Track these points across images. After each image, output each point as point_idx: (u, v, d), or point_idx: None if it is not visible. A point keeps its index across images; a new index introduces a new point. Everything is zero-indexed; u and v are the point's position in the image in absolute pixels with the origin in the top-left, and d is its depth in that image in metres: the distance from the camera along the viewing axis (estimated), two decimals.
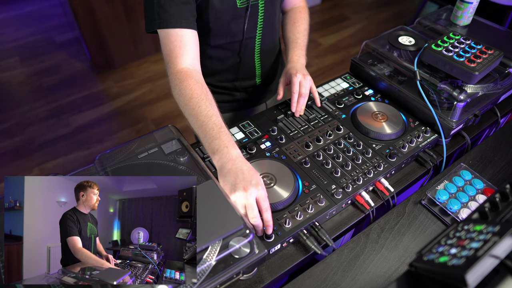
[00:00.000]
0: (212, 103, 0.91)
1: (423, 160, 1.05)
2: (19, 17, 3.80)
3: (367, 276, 0.80)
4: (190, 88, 0.91)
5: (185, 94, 0.91)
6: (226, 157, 0.82)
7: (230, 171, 0.80)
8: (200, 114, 0.88)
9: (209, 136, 0.85)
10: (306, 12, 1.29)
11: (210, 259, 0.70)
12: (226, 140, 0.84)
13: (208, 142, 0.85)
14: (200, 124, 0.87)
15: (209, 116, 0.87)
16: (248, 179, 0.79)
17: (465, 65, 1.04)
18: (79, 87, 2.96)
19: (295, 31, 1.22)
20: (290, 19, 1.26)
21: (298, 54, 1.17)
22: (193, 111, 0.89)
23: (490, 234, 0.51)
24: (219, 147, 0.83)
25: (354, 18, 3.74)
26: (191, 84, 0.92)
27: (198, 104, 0.89)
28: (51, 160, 2.41)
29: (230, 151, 0.83)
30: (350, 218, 0.93)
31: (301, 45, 1.19)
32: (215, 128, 0.86)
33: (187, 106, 0.90)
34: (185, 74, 0.93)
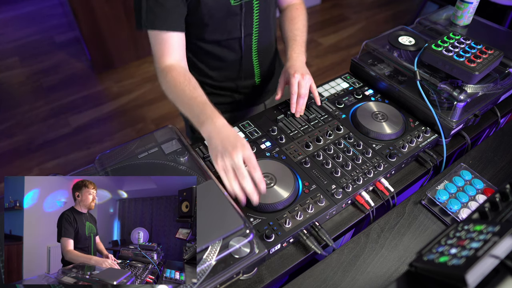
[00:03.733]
0: (196, 87, 0.98)
1: (423, 160, 1.05)
2: (19, 17, 3.80)
3: (367, 276, 0.80)
4: (174, 79, 0.99)
5: (170, 84, 0.99)
6: (211, 127, 0.88)
7: (216, 139, 0.86)
8: (185, 97, 0.95)
9: (195, 113, 0.92)
10: (303, 9, 1.28)
11: (210, 259, 0.70)
12: (210, 112, 0.90)
13: (195, 118, 0.92)
14: (186, 105, 0.95)
15: (193, 97, 0.95)
16: (233, 143, 0.84)
17: (465, 65, 1.04)
18: (79, 87, 2.96)
19: (293, 28, 1.21)
20: (287, 17, 1.25)
21: (297, 51, 1.15)
22: (179, 97, 0.97)
23: (490, 234, 0.51)
24: (205, 119, 0.89)
25: (354, 18, 3.74)
26: (174, 75, 0.99)
27: (182, 90, 0.97)
28: (51, 160, 2.41)
29: (215, 121, 0.88)
30: (350, 218, 0.93)
31: (300, 42, 1.18)
32: (200, 105, 0.93)
33: (174, 93, 0.98)
34: (170, 68, 1.01)
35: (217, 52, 1.17)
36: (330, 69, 3.11)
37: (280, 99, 1.15)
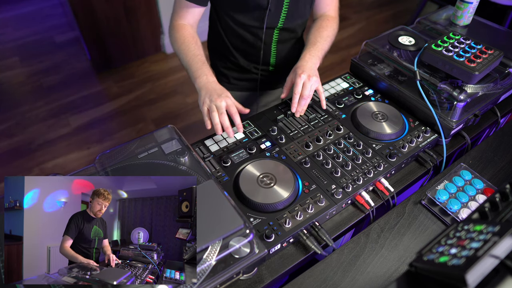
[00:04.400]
0: (199, 48, 1.15)
1: (423, 160, 1.05)
2: (19, 17, 3.80)
3: (367, 276, 0.80)
4: (183, 36, 1.16)
5: (178, 40, 1.15)
6: (204, 81, 1.06)
7: (206, 89, 1.03)
8: (189, 53, 1.12)
9: (194, 68, 1.09)
10: (335, 22, 1.28)
11: (210, 259, 0.70)
12: (206, 70, 1.08)
13: (193, 72, 1.09)
14: (188, 60, 1.12)
15: (195, 55, 1.12)
16: (219, 93, 1.02)
17: (465, 65, 1.04)
18: (79, 87, 2.96)
19: (317, 35, 1.22)
20: (316, 25, 1.26)
21: (313, 54, 1.15)
22: (184, 51, 1.13)
23: (490, 234, 0.51)
24: (200, 74, 1.07)
25: (354, 18, 3.74)
26: (184, 33, 1.16)
27: (188, 47, 1.13)
28: (51, 160, 2.41)
29: (208, 78, 1.06)
30: (350, 218, 0.93)
31: (318, 47, 1.18)
32: (199, 62, 1.10)
33: (180, 48, 1.15)
34: (181, 27, 1.18)
35: (241, 33, 1.25)
36: (330, 69, 3.11)
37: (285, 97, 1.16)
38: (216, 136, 1.07)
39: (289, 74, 1.14)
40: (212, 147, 1.04)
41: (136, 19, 2.94)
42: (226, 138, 1.06)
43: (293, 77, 1.10)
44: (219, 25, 1.28)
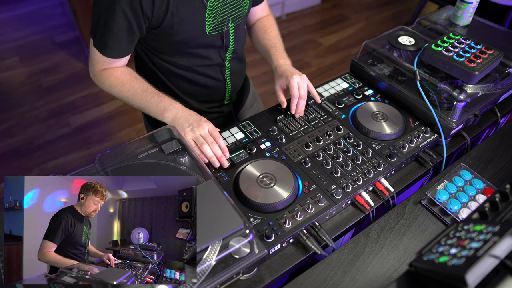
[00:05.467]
0: (143, 81, 1.05)
1: (423, 160, 1.05)
2: (19, 17, 3.80)
3: (367, 276, 0.80)
4: (119, 78, 1.04)
5: (116, 84, 1.04)
6: (174, 111, 0.99)
7: (182, 118, 0.98)
8: (137, 91, 1.02)
9: (153, 103, 1.01)
10: (273, 19, 1.29)
11: (210, 259, 0.70)
12: (169, 100, 1.01)
13: (154, 107, 1.01)
14: (140, 98, 1.02)
15: (145, 89, 1.02)
16: (197, 119, 0.98)
17: (465, 65, 1.04)
18: (79, 87, 2.96)
19: (270, 37, 1.22)
20: (260, 28, 1.26)
21: (283, 57, 1.17)
22: (130, 92, 1.03)
23: (490, 234, 0.51)
24: (166, 106, 1.00)
25: (354, 18, 3.74)
26: (118, 74, 1.04)
27: (131, 86, 1.03)
28: (51, 160, 2.41)
29: (175, 106, 1.00)
30: (350, 218, 0.93)
31: (280, 49, 1.20)
32: (155, 95, 1.01)
33: (122, 92, 1.04)
34: (109, 71, 1.05)
35: (188, 76, 1.16)
36: (330, 69, 3.11)
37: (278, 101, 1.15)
38: None
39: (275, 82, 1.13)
40: None
41: None
42: (227, 138, 1.06)
43: (283, 82, 1.10)
44: (158, 72, 1.16)
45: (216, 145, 0.96)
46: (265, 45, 1.22)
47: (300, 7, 3.81)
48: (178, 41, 1.04)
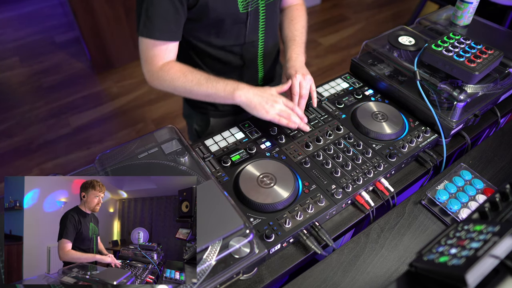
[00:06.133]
0: (202, 72, 1.05)
1: (423, 160, 1.05)
2: (19, 17, 3.80)
3: (367, 276, 0.80)
4: (180, 70, 1.05)
5: (178, 76, 1.04)
6: (245, 90, 1.00)
7: (255, 97, 1.00)
8: (201, 80, 1.03)
9: (220, 88, 1.01)
10: (303, 10, 1.28)
11: (210, 259, 0.70)
12: (234, 83, 1.02)
13: (222, 91, 1.01)
14: (206, 86, 1.02)
15: (208, 77, 1.03)
16: (269, 94, 1.01)
17: (465, 65, 1.04)
18: (79, 87, 2.96)
19: (293, 29, 1.22)
20: (287, 17, 1.25)
21: (297, 52, 1.16)
22: (194, 82, 1.03)
23: (490, 234, 0.51)
24: (234, 88, 1.00)
25: (354, 18, 3.74)
26: (178, 68, 1.05)
27: (194, 76, 1.03)
28: (51, 160, 2.41)
29: (243, 86, 1.01)
30: (350, 218, 0.93)
31: (299, 43, 1.19)
32: (220, 81, 1.02)
33: (186, 82, 1.04)
34: (168, 65, 1.05)
35: (222, 56, 1.17)
36: (330, 69, 3.10)
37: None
38: (216, 136, 1.07)
39: (282, 76, 1.14)
40: (212, 147, 1.04)
41: None
42: (226, 138, 1.06)
43: (288, 77, 1.10)
44: (193, 55, 1.19)
45: (294, 115, 1.02)
46: (286, 35, 1.22)
47: None
48: (212, 20, 1.05)
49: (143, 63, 1.07)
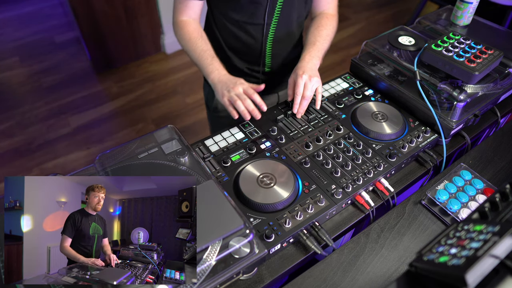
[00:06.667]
0: (206, 42, 1.18)
1: (423, 160, 1.05)
2: (19, 17, 3.80)
3: (367, 276, 0.80)
4: (189, 33, 1.18)
5: (185, 37, 1.18)
6: (217, 76, 1.11)
7: (221, 82, 1.10)
8: (197, 48, 1.16)
9: (204, 64, 1.14)
10: (334, 20, 1.28)
11: (210, 259, 0.70)
12: (217, 65, 1.13)
13: (205, 67, 1.14)
14: (197, 56, 1.16)
15: (204, 50, 1.16)
16: (234, 82, 1.08)
17: (465, 65, 1.04)
18: (79, 87, 2.96)
19: (316, 34, 1.22)
20: (315, 24, 1.26)
21: (312, 55, 1.15)
22: (191, 48, 1.17)
23: (490, 234, 0.51)
24: (212, 70, 1.12)
25: (354, 18, 3.74)
26: (189, 29, 1.19)
27: (195, 43, 1.17)
28: (51, 160, 2.41)
29: (220, 72, 1.12)
30: (350, 218, 0.93)
31: (318, 47, 1.18)
32: (209, 58, 1.14)
33: (187, 45, 1.18)
34: (185, 23, 1.20)
35: (236, 32, 1.23)
36: (330, 69, 3.11)
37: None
38: (216, 136, 1.07)
39: (290, 76, 1.14)
40: (212, 147, 1.04)
41: (136, 19, 2.94)
42: (226, 138, 1.06)
43: (294, 77, 1.10)
44: (213, 25, 1.27)
45: (248, 100, 1.05)
46: (309, 39, 1.23)
47: None
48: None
49: (173, 12, 1.22)
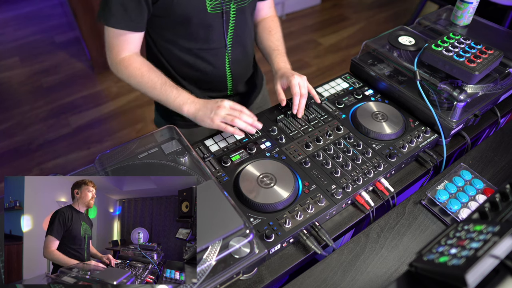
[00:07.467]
0: (161, 74, 1.07)
1: (423, 160, 1.05)
2: (19, 17, 3.80)
3: (367, 276, 0.80)
4: (139, 69, 1.06)
5: (135, 75, 1.05)
6: (193, 105, 1.03)
7: (201, 109, 1.02)
8: (156, 84, 1.05)
9: (171, 97, 1.04)
10: (278, 21, 1.31)
11: (210, 259, 0.70)
12: (186, 95, 1.05)
13: (173, 101, 1.04)
14: (159, 91, 1.05)
15: (163, 83, 1.05)
16: (214, 102, 1.02)
17: (465, 65, 1.04)
18: (79, 87, 2.96)
19: (273, 39, 1.24)
20: (264, 28, 1.27)
21: (284, 61, 1.19)
22: (148, 84, 1.05)
23: (490, 234, 0.51)
24: (184, 101, 1.04)
25: (354, 18, 3.74)
26: (137, 65, 1.06)
27: (150, 78, 1.05)
28: (51, 160, 2.41)
29: (192, 100, 1.04)
30: (350, 218, 0.93)
31: (282, 52, 1.22)
32: (174, 90, 1.05)
33: (142, 83, 1.06)
34: (128, 59, 1.06)
35: (189, 60, 1.14)
36: (330, 69, 3.11)
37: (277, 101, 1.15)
38: (216, 136, 1.07)
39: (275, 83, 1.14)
40: (212, 147, 1.04)
41: None
42: (226, 138, 1.06)
43: (284, 82, 1.11)
44: (159, 55, 1.16)
45: (244, 114, 1.01)
46: (268, 46, 1.23)
47: (300, 7, 3.81)
48: (178, 17, 1.03)
49: (106, 49, 1.08)
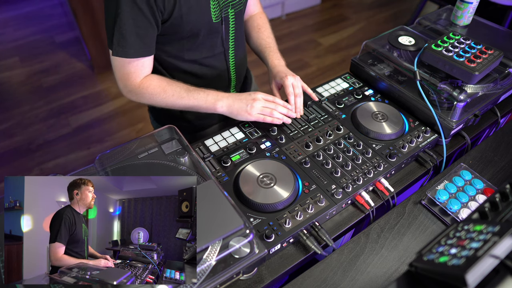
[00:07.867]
0: (180, 83, 1.06)
1: (423, 160, 1.05)
2: (19, 17, 3.80)
3: (367, 276, 0.80)
4: (159, 86, 1.04)
5: (158, 92, 1.03)
6: (224, 100, 1.03)
7: (235, 103, 1.02)
8: (181, 93, 1.03)
9: (201, 99, 1.03)
10: (265, 17, 1.31)
11: (210, 259, 0.70)
12: (214, 92, 1.04)
13: (204, 102, 1.03)
14: (187, 99, 1.03)
15: (187, 89, 1.04)
16: (247, 96, 1.02)
17: (465, 65, 1.04)
18: (79, 87, 2.96)
19: (264, 37, 1.24)
20: (254, 26, 1.27)
21: (277, 58, 1.19)
22: (174, 96, 1.04)
23: (490, 234, 0.51)
24: (215, 98, 1.03)
25: (354, 18, 3.74)
26: (156, 83, 1.04)
27: (173, 89, 1.04)
28: (51, 160, 2.41)
29: (223, 95, 1.03)
30: (350, 218, 0.93)
31: (274, 49, 1.21)
32: (200, 92, 1.03)
33: (166, 97, 1.04)
34: (146, 81, 1.04)
35: (194, 70, 1.15)
36: (330, 69, 3.10)
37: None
38: (216, 136, 1.07)
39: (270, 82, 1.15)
40: (212, 147, 1.04)
41: None
42: (226, 138, 1.06)
43: (279, 81, 1.12)
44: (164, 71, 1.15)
45: (279, 106, 1.04)
46: (260, 44, 1.23)
47: (300, 7, 3.81)
48: (187, 33, 1.03)
49: (118, 80, 1.05)
